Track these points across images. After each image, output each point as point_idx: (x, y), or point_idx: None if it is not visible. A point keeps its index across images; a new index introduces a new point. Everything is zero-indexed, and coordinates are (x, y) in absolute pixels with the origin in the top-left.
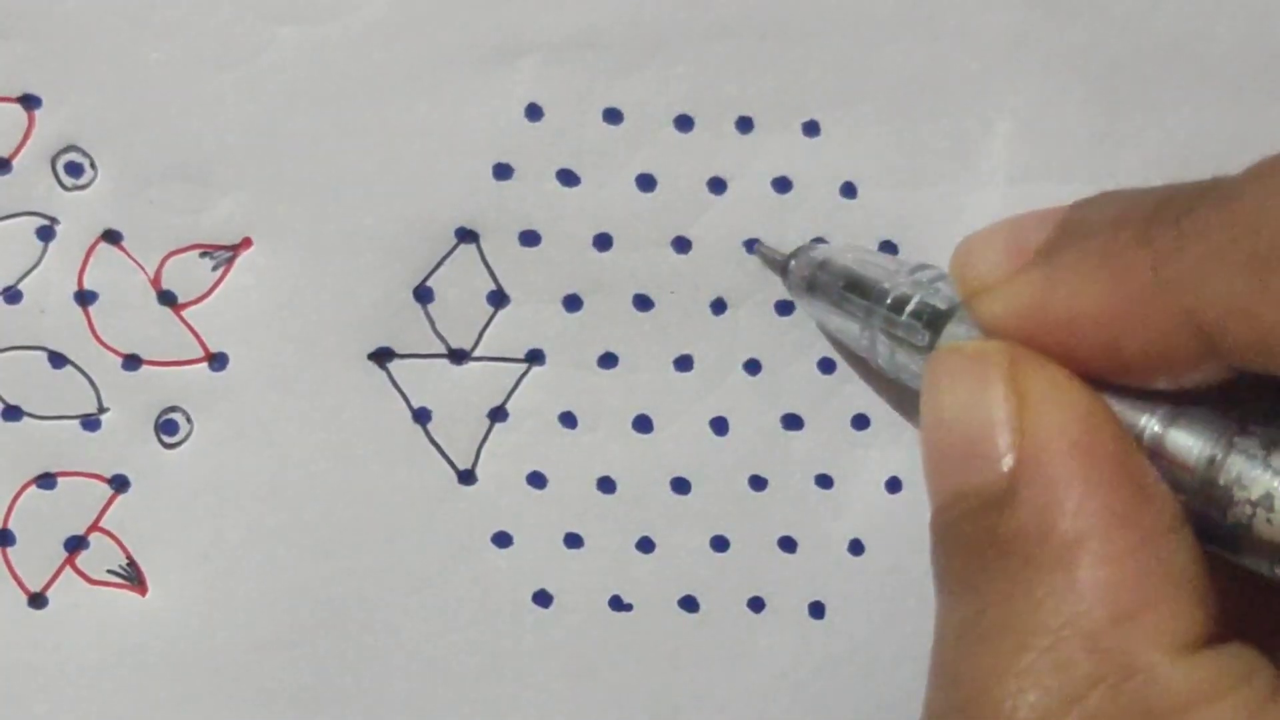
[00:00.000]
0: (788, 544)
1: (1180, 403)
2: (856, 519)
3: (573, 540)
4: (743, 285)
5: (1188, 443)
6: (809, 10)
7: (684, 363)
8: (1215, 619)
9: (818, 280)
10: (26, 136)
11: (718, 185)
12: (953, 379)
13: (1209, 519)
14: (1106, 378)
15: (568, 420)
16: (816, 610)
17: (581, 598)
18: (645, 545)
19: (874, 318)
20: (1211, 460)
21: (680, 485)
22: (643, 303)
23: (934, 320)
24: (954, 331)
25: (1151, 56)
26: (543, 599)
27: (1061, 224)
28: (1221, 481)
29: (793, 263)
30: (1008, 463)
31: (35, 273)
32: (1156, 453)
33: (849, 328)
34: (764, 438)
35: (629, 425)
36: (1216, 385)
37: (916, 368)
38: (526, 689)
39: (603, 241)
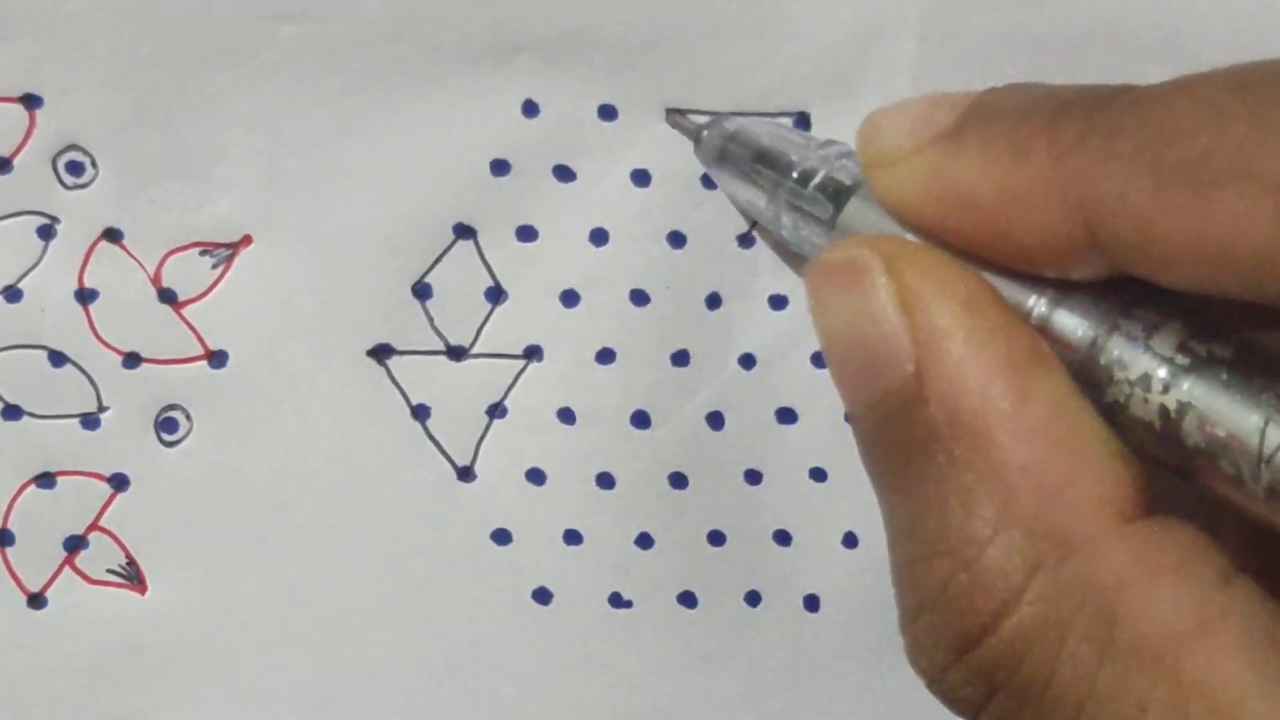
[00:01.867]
0: (783, 537)
1: (1066, 289)
2: (850, 512)
3: (572, 536)
4: (737, 280)
5: (1071, 323)
6: (800, 8)
7: (680, 357)
8: (1146, 490)
9: (729, 151)
10: (27, 136)
11: (711, 180)
12: (836, 292)
13: (1088, 398)
14: (996, 262)
15: (566, 416)
16: (811, 603)
17: (581, 594)
18: (644, 541)
19: (780, 190)
20: (1094, 341)
21: (677, 480)
22: (639, 298)
23: (838, 194)
24: (856, 207)
25: (1145, 56)
26: (542, 595)
27: (971, 107)
28: (1102, 361)
29: (705, 133)
30: (909, 365)
31: (36, 271)
32: (1042, 332)
33: (756, 199)
34: (759, 432)
35: (627, 420)
36: (1100, 280)
37: (820, 241)
38: (526, 685)
39: (599, 237)
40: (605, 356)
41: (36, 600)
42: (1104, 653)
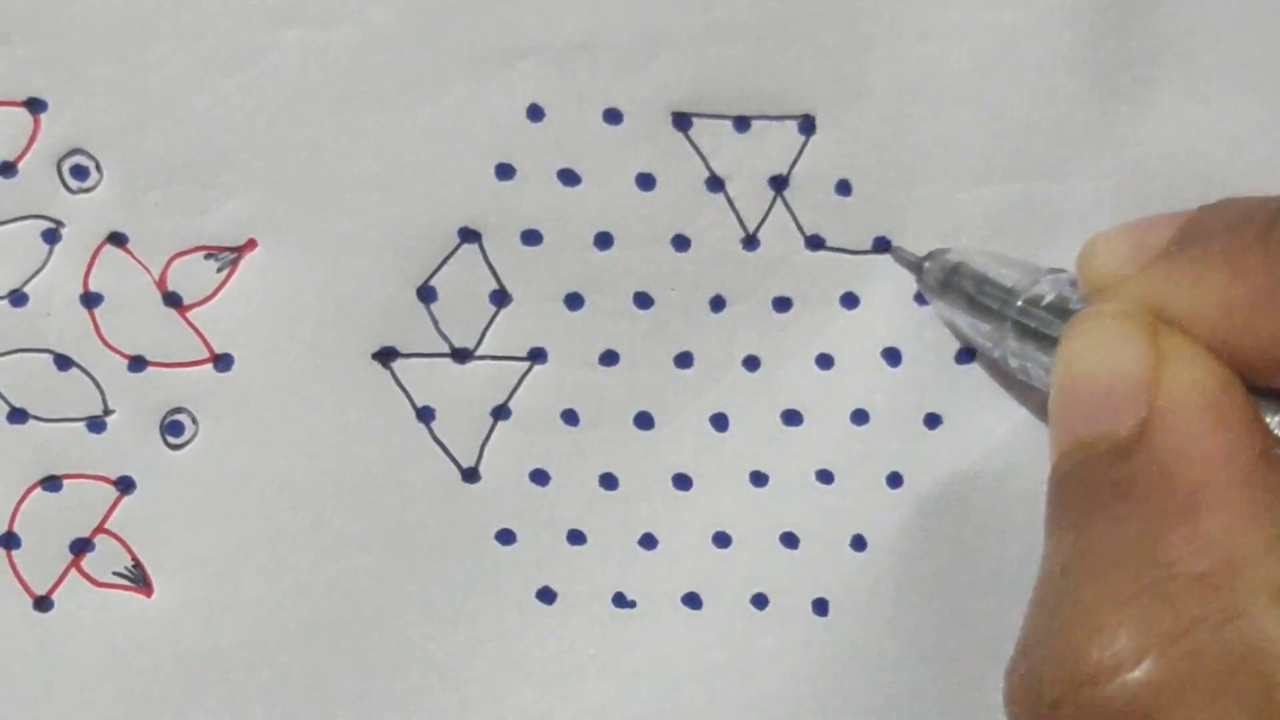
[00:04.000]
0: (789, 540)
1: None
2: (858, 515)
3: (575, 537)
4: (741, 283)
5: None
6: (806, 10)
7: (684, 360)
8: None
9: (951, 281)
10: (32, 140)
11: (715, 184)
12: (1092, 333)
13: None
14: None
15: (570, 418)
16: (820, 607)
17: (585, 595)
18: (648, 542)
19: (1008, 309)
20: None
21: (681, 482)
22: (643, 301)
23: (1067, 315)
24: None
25: (1148, 55)
26: (546, 596)
27: (1185, 225)
28: None
29: (927, 264)
30: (1139, 413)
31: (41, 275)
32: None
33: (979, 325)
34: (764, 434)
35: (630, 422)
36: None
37: (1047, 360)
38: (530, 686)
39: (603, 240)
40: (609, 359)
41: (43, 603)
42: (1259, 717)
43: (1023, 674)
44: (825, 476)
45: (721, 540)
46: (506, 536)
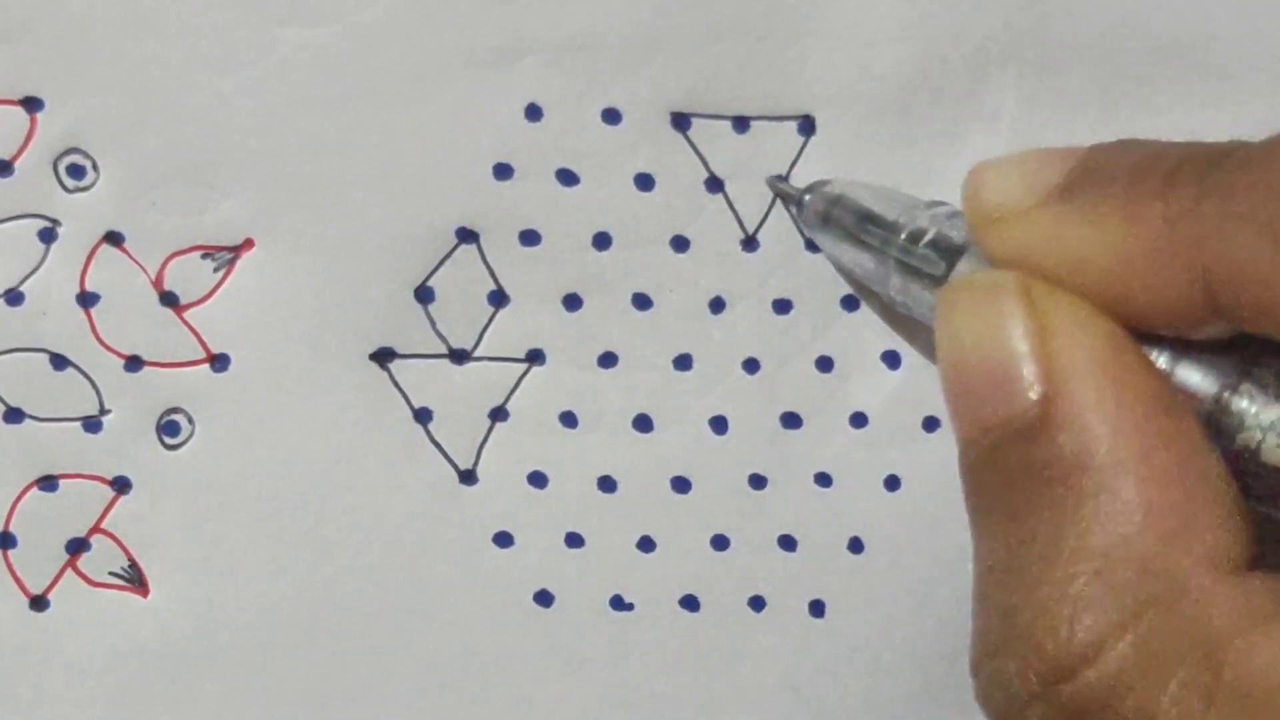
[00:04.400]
0: (787, 543)
1: (1184, 346)
2: (856, 517)
3: (573, 540)
4: (741, 284)
5: (1196, 376)
6: (805, 10)
7: (683, 361)
8: (1256, 542)
9: (832, 214)
10: (28, 139)
11: (715, 184)
12: (968, 311)
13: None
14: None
15: (568, 420)
16: (817, 609)
17: (582, 597)
18: (646, 545)
19: (889, 248)
20: (1217, 396)
21: (680, 484)
22: (642, 302)
23: (949, 252)
24: (970, 264)
25: (1149, 56)
26: (544, 598)
27: (1080, 164)
28: (1233, 409)
29: (808, 197)
30: (1036, 391)
31: (37, 275)
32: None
33: (862, 260)
34: (763, 436)
35: (629, 424)
36: (1219, 340)
37: (931, 299)
38: (527, 689)
39: (602, 241)
40: (608, 360)
41: (38, 603)
42: (1210, 698)
43: (989, 674)
44: (823, 479)
45: (719, 543)
46: (504, 539)
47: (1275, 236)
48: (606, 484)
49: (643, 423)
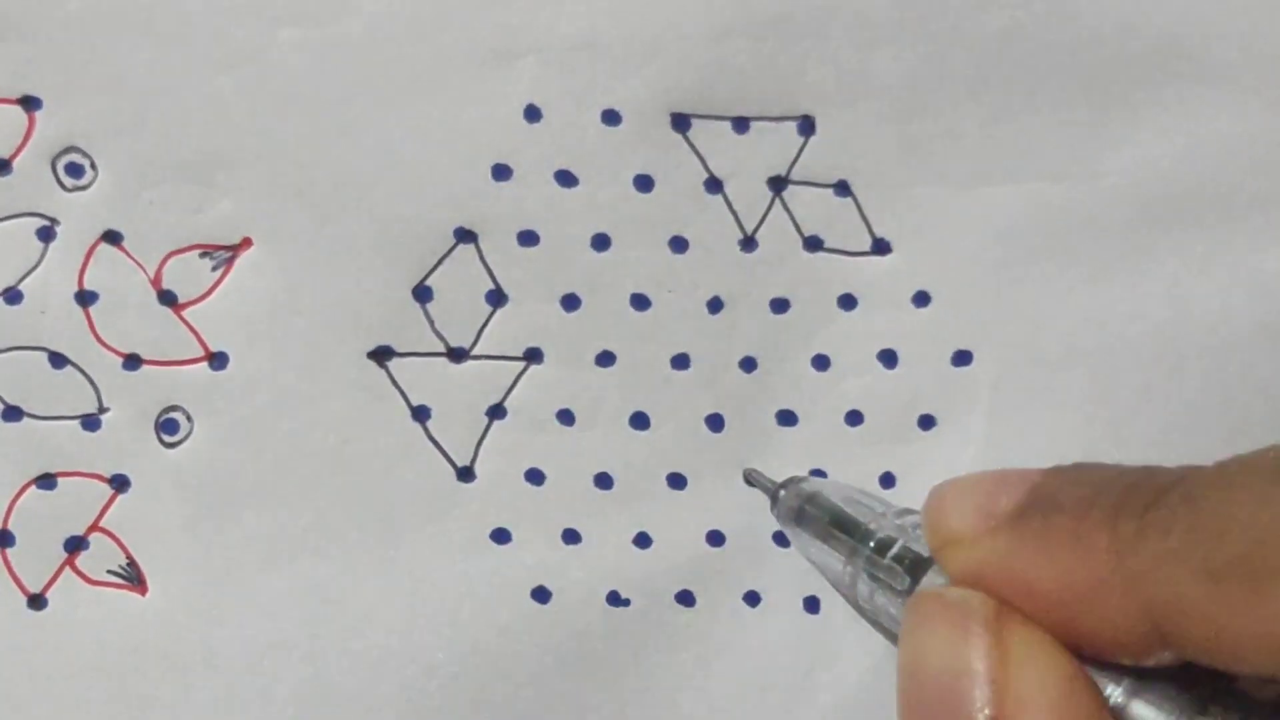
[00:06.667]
0: (782, 538)
1: (1143, 676)
2: None
3: (570, 536)
4: (739, 284)
5: (1150, 713)
6: (805, 11)
7: (681, 360)
8: None
9: (805, 513)
10: (27, 138)
11: (714, 185)
12: (934, 624)
13: None
14: (1070, 648)
15: (565, 418)
16: (811, 604)
17: (580, 593)
18: (642, 541)
19: (857, 557)
20: None
21: (676, 481)
22: (640, 302)
23: (915, 566)
24: (934, 580)
25: (1145, 57)
26: (541, 595)
27: (1032, 492)
28: None
29: (782, 493)
30: (986, 712)
31: (36, 273)
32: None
33: (831, 563)
34: (759, 434)
35: (626, 422)
36: (1176, 665)
37: (895, 611)
38: (525, 684)
39: (600, 241)
40: (605, 359)
41: (37, 601)
42: None
43: None
44: (819, 477)
45: (715, 539)
46: (501, 535)
47: (1211, 576)
48: (603, 481)
49: (640, 420)
